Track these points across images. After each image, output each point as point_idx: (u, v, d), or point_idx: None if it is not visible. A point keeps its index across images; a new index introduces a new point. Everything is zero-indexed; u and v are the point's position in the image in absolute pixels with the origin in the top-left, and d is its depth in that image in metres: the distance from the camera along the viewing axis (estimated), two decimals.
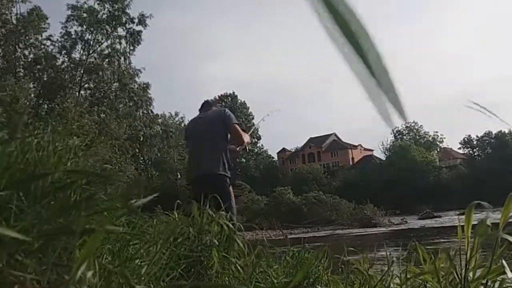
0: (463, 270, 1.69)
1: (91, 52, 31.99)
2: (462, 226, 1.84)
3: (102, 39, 32.08)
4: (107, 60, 31.82)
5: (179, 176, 41.16)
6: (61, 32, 31.69)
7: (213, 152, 3.97)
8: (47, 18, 31.38)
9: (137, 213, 1.56)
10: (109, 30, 31.88)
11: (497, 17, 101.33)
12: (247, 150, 4.69)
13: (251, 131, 4.74)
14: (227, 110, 4.26)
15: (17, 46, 29.82)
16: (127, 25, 32.14)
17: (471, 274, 1.72)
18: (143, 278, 1.45)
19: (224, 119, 4.10)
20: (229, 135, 4.13)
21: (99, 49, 32.21)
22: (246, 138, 4.22)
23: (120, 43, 32.17)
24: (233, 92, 71.45)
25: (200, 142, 4.07)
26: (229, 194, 3.89)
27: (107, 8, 31.67)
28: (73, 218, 1.03)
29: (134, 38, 32.37)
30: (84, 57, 31.89)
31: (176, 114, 54.36)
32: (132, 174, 29.85)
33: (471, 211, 1.78)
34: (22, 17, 29.87)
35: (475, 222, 1.87)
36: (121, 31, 32.34)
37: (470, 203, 1.89)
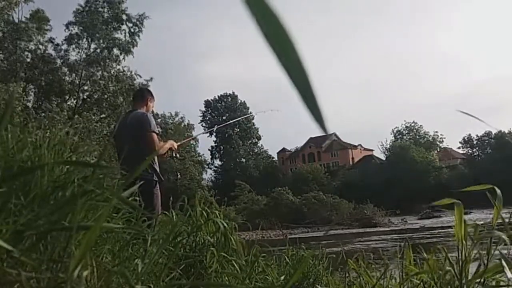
0: (460, 269, 1.69)
1: (89, 53, 31.88)
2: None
3: (100, 40, 31.93)
4: (106, 58, 31.62)
5: (179, 176, 41.14)
6: (64, 36, 31.60)
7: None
8: (48, 20, 31.36)
9: (133, 206, 1.55)
10: (108, 32, 31.74)
11: (497, 16, 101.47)
12: (174, 156, 4.63)
13: (179, 143, 4.70)
14: (146, 115, 4.18)
15: (18, 48, 29.72)
16: (127, 23, 32.00)
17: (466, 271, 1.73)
18: (142, 277, 1.45)
19: (141, 125, 4.07)
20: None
21: (98, 50, 32.09)
22: (162, 148, 4.17)
23: (119, 44, 32.00)
24: (233, 92, 71.54)
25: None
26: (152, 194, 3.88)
27: (105, 11, 31.56)
28: (69, 214, 1.03)
29: (132, 39, 32.28)
30: (82, 58, 31.78)
31: (176, 114, 54.30)
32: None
33: (461, 212, 1.79)
34: (25, 18, 29.84)
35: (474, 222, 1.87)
36: (119, 34, 32.29)
37: (470, 203, 1.89)
